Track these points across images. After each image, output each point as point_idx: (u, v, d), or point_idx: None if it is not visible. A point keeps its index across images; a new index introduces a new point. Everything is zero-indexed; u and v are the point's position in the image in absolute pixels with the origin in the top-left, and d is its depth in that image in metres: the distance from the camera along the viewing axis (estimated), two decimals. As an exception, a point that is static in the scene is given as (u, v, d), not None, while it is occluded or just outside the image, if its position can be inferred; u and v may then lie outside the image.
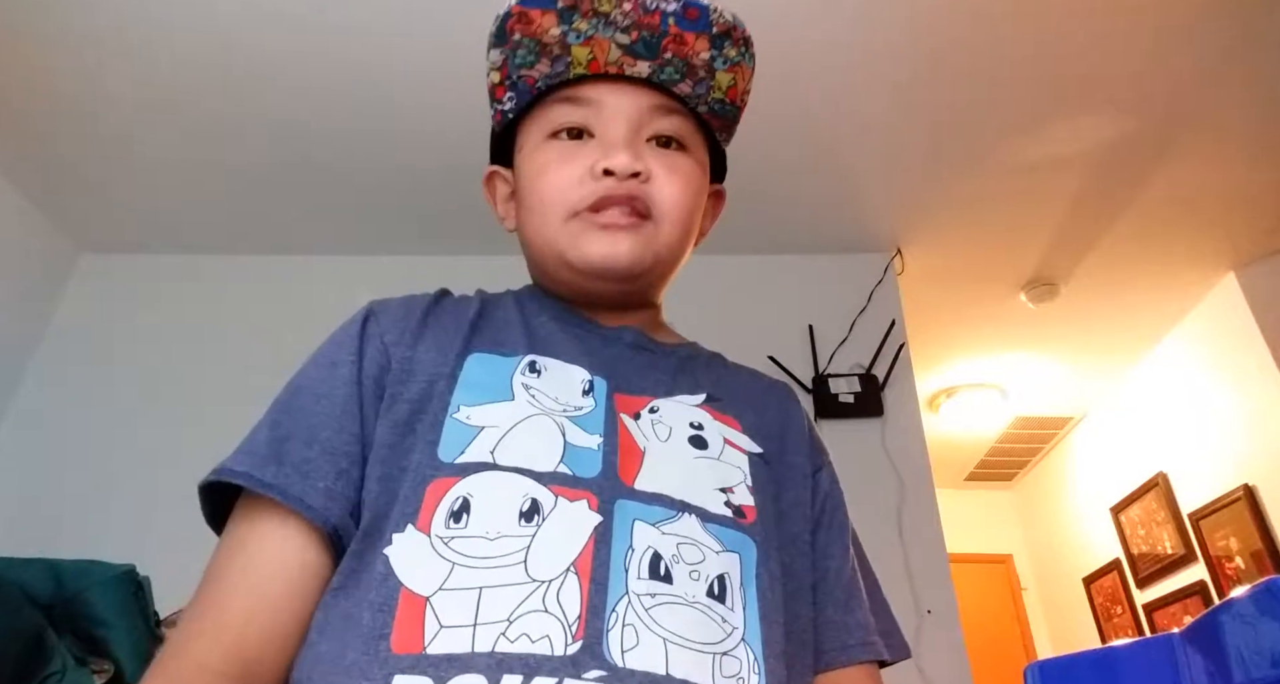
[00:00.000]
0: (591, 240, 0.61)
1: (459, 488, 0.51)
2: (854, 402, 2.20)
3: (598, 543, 0.49)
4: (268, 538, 0.51)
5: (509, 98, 0.65)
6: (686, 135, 0.66)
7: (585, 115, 0.63)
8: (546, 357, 0.61)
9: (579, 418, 0.56)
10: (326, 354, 0.60)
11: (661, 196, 0.62)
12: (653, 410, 0.60)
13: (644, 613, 0.47)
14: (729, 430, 0.62)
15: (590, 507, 0.51)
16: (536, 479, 0.51)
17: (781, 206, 2.31)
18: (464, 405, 0.55)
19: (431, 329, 0.61)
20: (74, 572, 1.15)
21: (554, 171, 0.62)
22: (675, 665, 0.46)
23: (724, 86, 0.65)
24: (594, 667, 0.44)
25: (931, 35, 1.78)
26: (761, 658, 0.50)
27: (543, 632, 0.45)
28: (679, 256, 0.67)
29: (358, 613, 0.47)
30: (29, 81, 1.87)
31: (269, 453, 0.53)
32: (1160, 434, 3.02)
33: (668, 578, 0.49)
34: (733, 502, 0.56)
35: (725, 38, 0.62)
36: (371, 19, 1.72)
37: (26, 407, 2.19)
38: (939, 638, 1.93)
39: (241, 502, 0.53)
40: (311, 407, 0.56)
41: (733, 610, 0.51)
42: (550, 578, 0.47)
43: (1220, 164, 2.13)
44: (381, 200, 2.24)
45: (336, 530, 0.51)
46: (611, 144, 0.61)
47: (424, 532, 0.49)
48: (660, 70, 0.63)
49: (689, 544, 0.52)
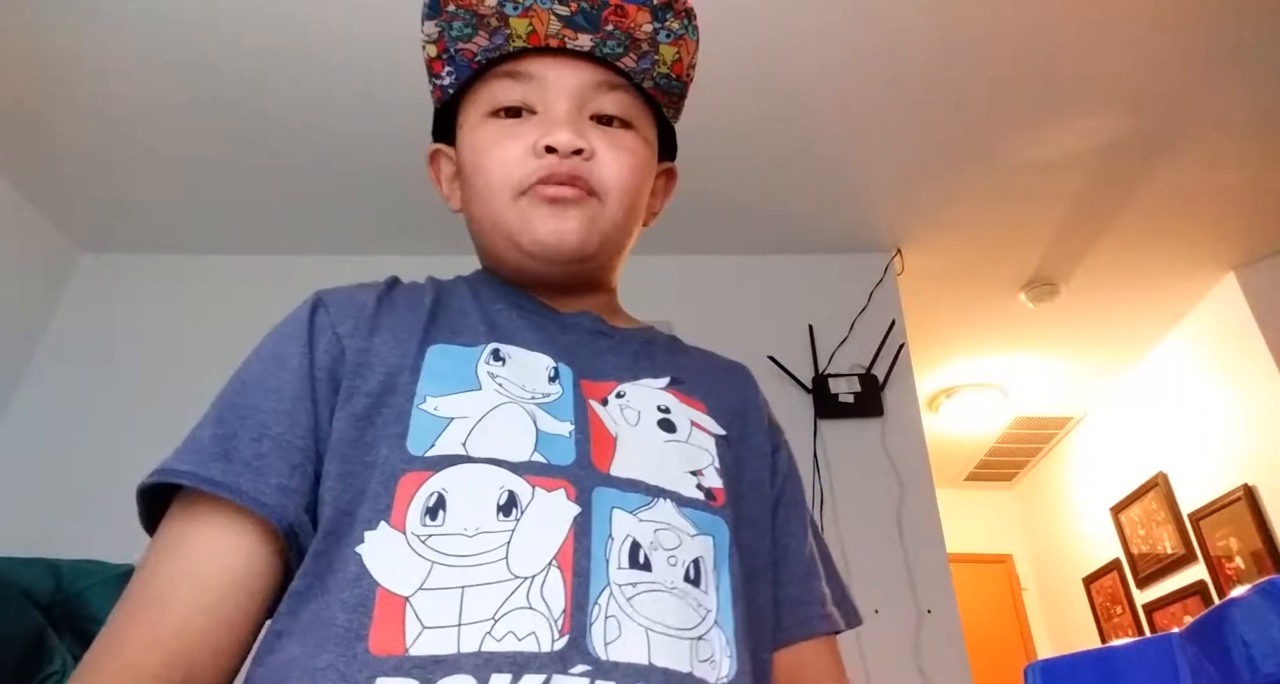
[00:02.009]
0: (540, 219, 0.59)
1: (433, 483, 0.49)
2: (854, 402, 2.20)
3: (578, 534, 0.49)
4: (211, 535, 0.49)
5: (448, 72, 0.64)
6: (632, 112, 0.64)
7: (526, 91, 0.62)
8: (508, 345, 0.59)
9: (548, 405, 0.55)
10: (273, 347, 0.57)
11: (606, 174, 0.60)
12: (619, 395, 0.59)
13: (625, 603, 0.47)
14: (695, 413, 0.61)
15: (568, 496, 0.50)
16: (512, 470, 0.50)
17: (782, 206, 2.31)
18: (430, 396, 0.53)
19: (387, 318, 0.59)
20: (74, 572, 1.15)
21: (496, 150, 0.61)
22: (657, 654, 0.46)
23: (669, 61, 0.63)
24: (580, 661, 0.44)
25: (931, 35, 1.78)
26: (732, 639, 0.51)
27: (529, 629, 0.44)
28: (627, 236, 0.65)
29: (329, 614, 0.45)
30: (29, 81, 1.87)
31: (216, 450, 0.50)
32: (1160, 434, 3.02)
33: (647, 566, 0.49)
34: (703, 484, 0.56)
35: (667, 9, 0.61)
36: (372, 19, 1.72)
37: (26, 407, 2.19)
38: (939, 638, 1.93)
39: (180, 502, 0.50)
40: (260, 402, 0.53)
41: (707, 594, 0.51)
42: (533, 573, 0.46)
43: (1220, 164, 2.13)
44: (382, 200, 2.24)
45: (292, 527, 0.49)
46: (553, 121, 0.60)
47: (399, 529, 0.47)
48: (603, 43, 0.61)
49: (665, 529, 0.52)
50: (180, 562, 0.48)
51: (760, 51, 1.82)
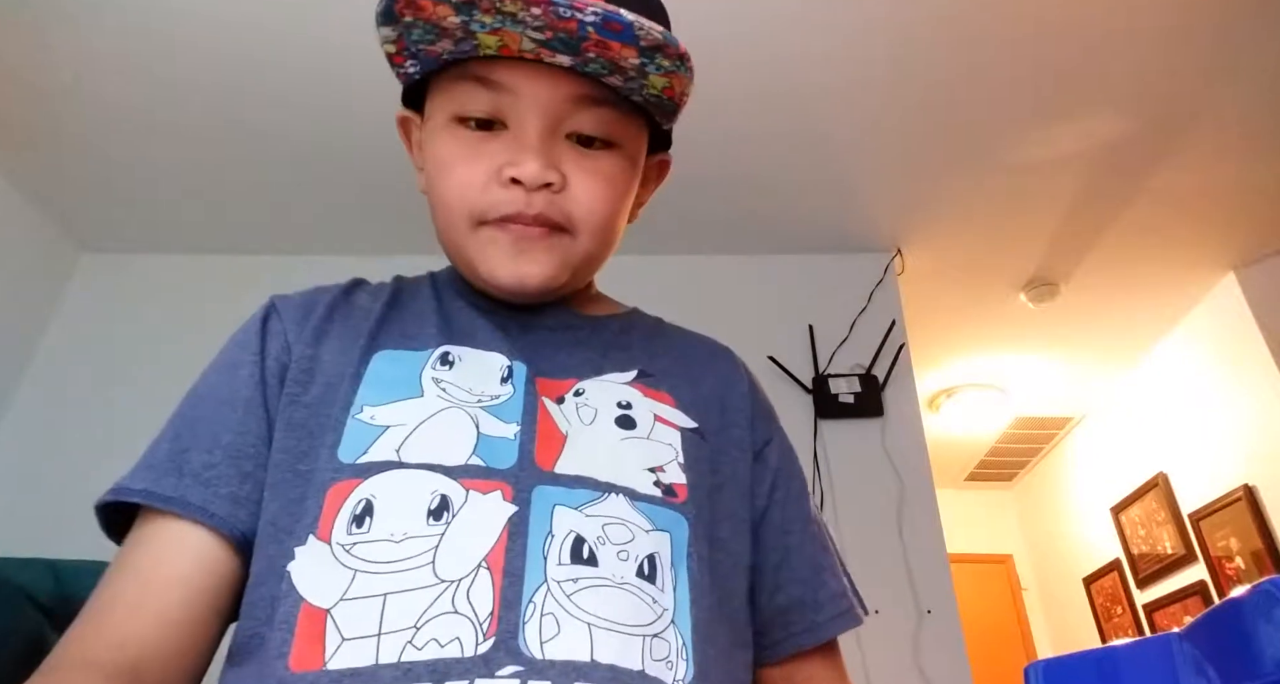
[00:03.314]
0: (500, 258, 0.55)
1: (361, 490, 0.48)
2: (854, 402, 2.20)
3: (512, 534, 0.47)
4: (163, 541, 0.49)
5: (411, 65, 0.57)
6: (614, 129, 0.57)
7: (497, 103, 0.55)
8: (461, 346, 0.57)
9: (494, 407, 0.54)
10: (227, 356, 0.57)
11: (578, 207, 0.55)
12: (578, 393, 0.57)
13: (565, 599, 0.45)
14: (660, 407, 0.59)
15: (505, 497, 0.48)
16: (446, 474, 0.49)
17: (781, 207, 2.31)
18: (368, 405, 0.52)
19: (337, 325, 0.58)
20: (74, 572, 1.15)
21: (460, 168, 0.56)
22: (601, 651, 0.44)
23: (658, 86, 0.54)
24: (508, 663, 0.42)
25: (931, 35, 1.78)
26: (690, 641, 0.48)
27: (452, 634, 0.43)
28: (600, 261, 0.61)
29: (264, 632, 0.45)
30: (29, 82, 1.87)
31: (169, 465, 0.50)
32: (1160, 434, 3.02)
33: (592, 560, 0.47)
34: (663, 480, 0.54)
35: (656, 51, 0.51)
36: (371, 17, 1.72)
37: (26, 407, 2.19)
38: (939, 638, 1.94)
39: (141, 517, 0.51)
40: (212, 413, 0.53)
41: (663, 591, 0.49)
42: (459, 577, 0.45)
43: (1220, 164, 2.13)
44: (383, 200, 2.24)
45: (246, 536, 0.49)
46: (523, 145, 0.54)
47: (324, 540, 0.46)
48: (584, 65, 0.53)
49: (616, 524, 0.49)
50: (131, 566, 0.49)
51: (760, 52, 1.82)
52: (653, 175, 0.68)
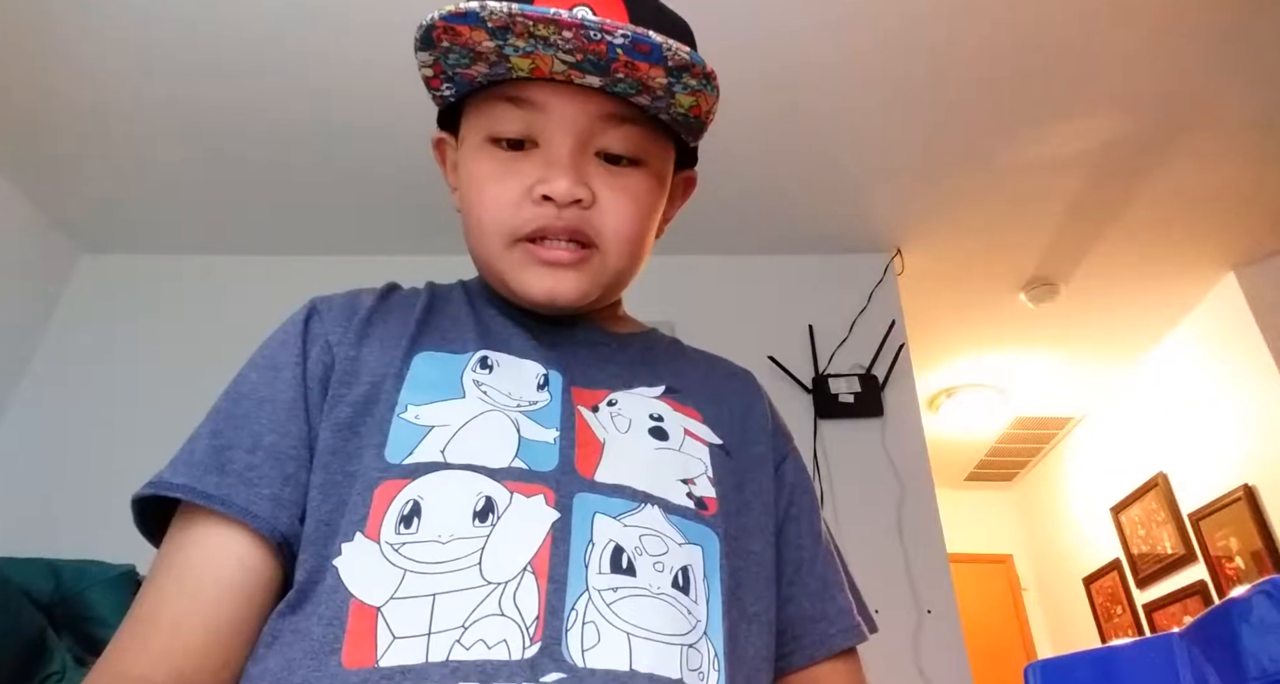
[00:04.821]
0: (533, 276, 0.57)
1: (409, 490, 0.49)
2: (854, 402, 2.20)
3: (555, 540, 0.48)
4: (206, 544, 0.49)
5: (447, 88, 0.60)
6: (641, 147, 0.59)
7: (529, 122, 0.57)
8: (499, 352, 0.59)
9: (534, 412, 0.55)
10: (268, 356, 0.57)
11: (606, 223, 0.58)
12: (611, 403, 0.58)
13: (605, 608, 0.46)
14: (689, 421, 0.60)
15: (547, 501, 0.49)
16: (490, 476, 0.50)
17: (781, 207, 2.31)
18: (412, 405, 0.53)
19: (377, 327, 0.59)
20: (74, 572, 1.15)
21: (493, 187, 0.58)
22: (640, 660, 0.45)
23: (685, 105, 0.56)
24: (552, 669, 0.43)
25: (931, 35, 1.78)
26: (722, 653, 0.49)
27: (500, 636, 0.44)
28: (630, 277, 0.63)
29: (308, 627, 0.45)
30: (29, 82, 1.87)
31: (210, 462, 0.51)
32: (1160, 434, 3.02)
33: (631, 570, 0.48)
34: (694, 493, 0.55)
35: (684, 71, 0.53)
36: (372, 15, 1.72)
37: (26, 406, 2.19)
38: (939, 638, 1.94)
39: (180, 513, 0.51)
40: (254, 412, 0.53)
41: (696, 603, 0.50)
42: (506, 579, 0.46)
43: (1220, 164, 2.13)
44: (383, 199, 2.24)
45: (286, 538, 0.50)
46: (554, 163, 0.56)
47: (373, 539, 0.47)
48: (613, 85, 0.55)
49: (652, 535, 0.51)
50: (175, 570, 0.49)
51: (761, 52, 1.82)
52: (679, 192, 0.70)
